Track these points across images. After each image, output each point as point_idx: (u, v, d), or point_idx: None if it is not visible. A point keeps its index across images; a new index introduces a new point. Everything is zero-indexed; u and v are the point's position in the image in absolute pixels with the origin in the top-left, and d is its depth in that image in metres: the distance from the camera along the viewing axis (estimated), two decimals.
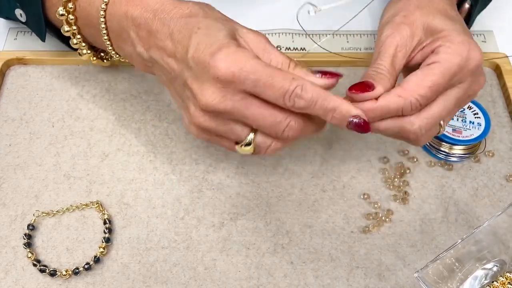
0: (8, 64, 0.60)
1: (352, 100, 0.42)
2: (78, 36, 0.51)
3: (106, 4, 0.47)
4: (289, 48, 0.62)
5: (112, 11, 0.47)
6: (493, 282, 0.47)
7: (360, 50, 0.61)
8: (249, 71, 0.38)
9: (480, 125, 0.55)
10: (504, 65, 0.61)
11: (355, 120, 0.40)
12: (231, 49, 0.39)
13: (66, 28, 0.50)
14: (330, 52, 0.61)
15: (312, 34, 0.62)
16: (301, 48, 0.62)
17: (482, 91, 0.60)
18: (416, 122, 0.42)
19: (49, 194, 0.52)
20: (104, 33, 0.48)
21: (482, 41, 0.64)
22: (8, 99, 0.58)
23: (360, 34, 0.63)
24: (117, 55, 0.50)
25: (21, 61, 0.60)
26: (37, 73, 0.60)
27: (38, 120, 0.56)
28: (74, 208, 0.51)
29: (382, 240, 0.50)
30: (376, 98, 0.42)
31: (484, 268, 0.47)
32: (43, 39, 0.54)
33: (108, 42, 0.49)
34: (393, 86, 0.43)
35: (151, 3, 0.44)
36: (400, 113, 0.42)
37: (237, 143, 0.43)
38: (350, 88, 0.42)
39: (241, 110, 0.40)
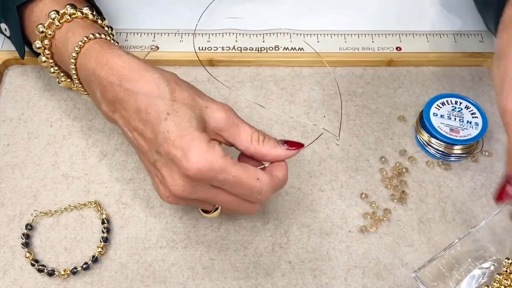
0: (6, 64, 0.60)
1: None
2: (56, 68, 0.52)
3: (77, 53, 0.47)
4: (287, 48, 0.62)
5: (82, 62, 0.47)
6: (490, 281, 0.47)
7: (358, 50, 0.62)
8: (217, 171, 0.40)
9: (478, 124, 0.55)
10: None
11: None
12: (201, 148, 0.40)
13: (43, 59, 0.51)
14: (327, 52, 0.61)
15: (310, 35, 0.63)
16: (299, 48, 0.62)
17: (479, 91, 0.60)
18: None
19: (47, 193, 0.52)
20: (75, 78, 0.49)
21: (480, 41, 0.64)
22: (6, 99, 0.58)
23: (358, 34, 0.63)
24: (90, 97, 0.51)
25: (19, 61, 0.60)
26: (35, 73, 0.60)
27: (36, 120, 0.56)
28: (72, 207, 0.51)
29: (380, 239, 0.50)
30: None
31: (482, 268, 0.48)
32: (22, 57, 0.54)
33: (80, 85, 0.50)
34: None
35: (118, 66, 0.44)
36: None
37: (204, 211, 0.47)
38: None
39: (209, 198, 0.43)
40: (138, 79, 0.43)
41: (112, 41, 0.49)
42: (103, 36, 0.48)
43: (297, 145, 0.45)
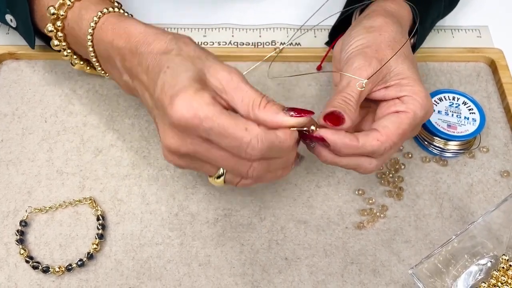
0: (0, 59, 0.59)
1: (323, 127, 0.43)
2: (68, 51, 0.51)
3: (93, 29, 0.47)
4: (284, 43, 0.62)
5: (99, 37, 0.47)
6: (487, 277, 0.47)
7: None
8: (202, 119, 0.38)
9: (475, 120, 0.55)
10: (499, 60, 0.61)
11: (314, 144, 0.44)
12: (187, 94, 0.39)
13: (55, 42, 0.50)
14: (325, 48, 0.60)
15: (307, 29, 0.62)
16: (296, 44, 0.62)
17: (477, 87, 0.60)
18: (374, 162, 0.45)
19: (41, 190, 0.52)
20: (93, 56, 0.49)
21: (478, 37, 0.63)
22: (0, 94, 0.57)
23: None
24: (106, 75, 0.51)
25: (13, 56, 0.60)
26: (30, 68, 0.59)
27: (31, 116, 0.56)
28: (67, 204, 0.51)
29: (376, 236, 0.50)
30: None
31: (478, 264, 0.48)
32: (32, 47, 0.54)
33: (97, 64, 0.50)
34: (357, 119, 0.45)
35: (135, 33, 0.45)
36: (371, 155, 0.44)
37: (210, 175, 0.44)
38: (324, 118, 0.43)
39: (202, 153, 0.41)
40: (152, 41, 0.43)
41: (126, 14, 0.49)
42: (116, 10, 0.48)
43: (305, 112, 0.41)
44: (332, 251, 0.49)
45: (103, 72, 0.51)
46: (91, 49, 0.48)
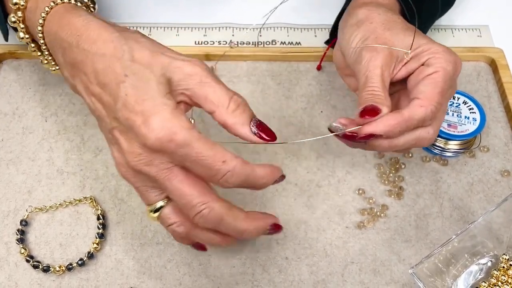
0: (0, 58, 0.59)
1: (361, 124, 0.43)
2: (33, 45, 0.49)
3: (43, 20, 0.45)
4: (284, 42, 0.62)
5: (47, 28, 0.45)
6: (487, 277, 0.47)
7: None
8: (179, 145, 0.37)
9: (475, 120, 0.55)
10: (499, 60, 0.61)
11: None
12: (164, 116, 0.37)
13: (21, 35, 0.49)
14: (325, 47, 0.60)
15: (308, 29, 0.62)
16: (296, 43, 0.62)
17: (477, 86, 0.60)
18: (431, 130, 0.45)
19: (42, 189, 0.52)
20: (44, 49, 0.47)
21: (478, 36, 0.63)
22: (0, 94, 0.57)
23: None
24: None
25: (13, 55, 0.60)
26: (30, 67, 0.59)
27: (31, 115, 0.56)
28: (67, 203, 0.51)
29: (377, 235, 0.50)
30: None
31: (479, 263, 0.48)
32: (6, 39, 0.53)
33: (50, 58, 0.48)
34: (391, 104, 0.44)
35: (77, 25, 0.42)
36: (421, 124, 0.44)
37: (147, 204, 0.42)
38: (362, 115, 0.43)
39: (162, 179, 0.39)
40: (95, 39, 0.40)
41: (83, 7, 0.46)
42: (73, 1, 0.46)
43: (269, 135, 0.39)
44: (332, 251, 0.49)
45: (57, 68, 0.48)
46: (42, 41, 0.46)
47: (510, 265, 0.47)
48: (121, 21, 0.62)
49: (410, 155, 0.55)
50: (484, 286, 0.46)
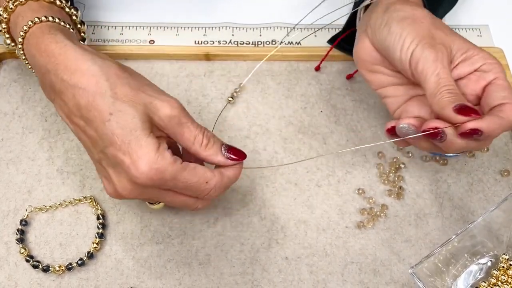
0: (0, 58, 0.59)
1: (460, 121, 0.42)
2: (22, 52, 0.48)
3: (22, 39, 0.45)
4: (283, 42, 0.62)
5: (27, 49, 0.46)
6: (487, 277, 0.47)
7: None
8: (168, 179, 0.40)
9: None
10: (499, 59, 0.60)
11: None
12: (150, 157, 0.39)
13: (8, 41, 0.49)
14: (325, 47, 0.60)
15: (308, 29, 0.62)
16: (296, 42, 0.62)
17: None
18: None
19: (42, 189, 0.52)
20: (27, 65, 0.48)
21: (478, 36, 0.63)
22: (0, 93, 0.57)
23: None
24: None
25: (13, 55, 0.59)
26: None
27: (31, 115, 0.56)
28: (67, 203, 0.51)
29: (376, 235, 0.50)
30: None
31: (479, 263, 0.47)
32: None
33: (30, 67, 0.48)
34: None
35: (54, 53, 0.42)
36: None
37: (150, 202, 0.47)
38: (460, 113, 0.42)
39: (156, 198, 0.44)
40: (74, 70, 0.41)
41: (63, 24, 0.46)
42: (50, 19, 0.45)
43: (240, 155, 0.44)
44: (332, 251, 0.49)
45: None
46: (24, 57, 0.47)
47: (510, 265, 0.47)
48: (121, 21, 0.62)
49: (410, 155, 0.55)
50: (484, 286, 0.46)
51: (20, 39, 0.45)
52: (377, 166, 0.54)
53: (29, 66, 0.48)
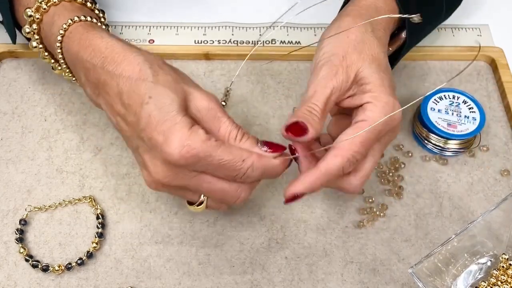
0: (0, 57, 0.59)
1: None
2: (46, 54, 0.51)
3: (62, 37, 0.46)
4: (284, 41, 0.62)
5: (67, 46, 0.46)
6: (487, 276, 0.47)
7: None
8: (201, 157, 0.39)
9: (475, 119, 0.54)
10: (499, 59, 0.60)
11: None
12: (183, 133, 0.39)
13: (34, 44, 0.50)
14: None
15: (308, 28, 0.62)
16: (296, 42, 0.61)
17: (477, 85, 0.60)
18: (353, 182, 0.44)
19: (41, 188, 0.52)
20: (63, 63, 0.48)
21: (478, 35, 0.63)
22: None
23: None
24: (78, 83, 0.50)
25: (13, 54, 0.60)
26: (29, 66, 0.59)
27: (30, 114, 0.56)
28: (66, 203, 0.51)
29: (376, 235, 0.50)
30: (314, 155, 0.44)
31: (478, 263, 0.47)
32: (13, 42, 0.54)
33: (68, 71, 0.49)
34: (322, 129, 0.43)
35: (101, 48, 0.43)
36: (342, 173, 0.42)
37: (189, 203, 0.45)
38: (287, 130, 0.42)
39: (192, 186, 0.42)
40: (120, 61, 0.42)
41: (100, 24, 0.48)
42: (89, 18, 0.47)
43: (277, 148, 0.42)
44: (332, 250, 0.49)
45: (74, 79, 0.50)
46: (60, 56, 0.48)
47: (510, 264, 0.47)
48: (120, 20, 0.62)
49: (410, 154, 0.55)
50: (484, 285, 0.46)
51: (59, 37, 0.46)
52: (376, 166, 0.54)
53: (64, 66, 0.49)
